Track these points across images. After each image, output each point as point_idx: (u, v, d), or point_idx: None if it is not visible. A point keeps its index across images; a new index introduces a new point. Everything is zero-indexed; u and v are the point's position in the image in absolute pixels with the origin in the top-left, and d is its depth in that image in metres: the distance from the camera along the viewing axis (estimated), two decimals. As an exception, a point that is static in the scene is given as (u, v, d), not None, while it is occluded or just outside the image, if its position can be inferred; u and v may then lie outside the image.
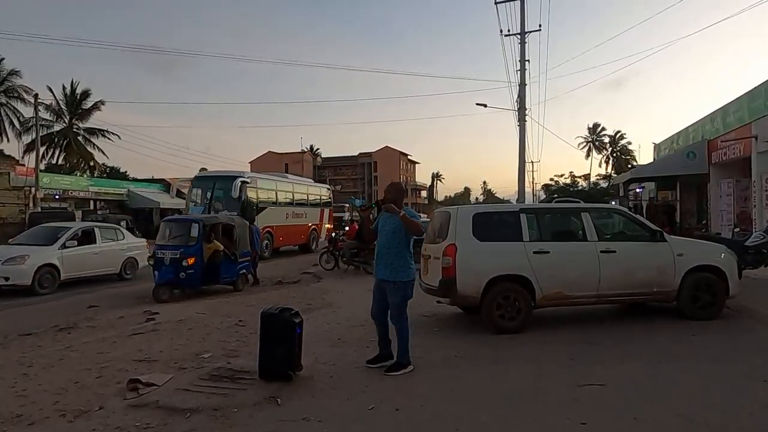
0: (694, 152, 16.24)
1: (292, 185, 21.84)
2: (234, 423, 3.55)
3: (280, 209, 19.55)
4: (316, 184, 25.75)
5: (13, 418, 3.70)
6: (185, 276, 9.83)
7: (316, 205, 23.23)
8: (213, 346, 5.73)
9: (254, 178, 18.44)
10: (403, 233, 4.56)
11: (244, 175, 17.78)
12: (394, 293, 4.55)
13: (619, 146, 67.58)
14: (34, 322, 7.94)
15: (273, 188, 19.86)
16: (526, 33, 18.46)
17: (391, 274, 4.54)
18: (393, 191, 4.69)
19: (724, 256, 6.68)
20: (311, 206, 22.69)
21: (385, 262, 4.57)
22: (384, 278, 4.58)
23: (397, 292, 4.54)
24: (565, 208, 7.16)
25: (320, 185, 26.45)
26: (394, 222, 4.53)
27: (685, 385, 4.18)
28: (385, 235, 4.58)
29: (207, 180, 18.46)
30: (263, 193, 18.79)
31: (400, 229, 4.53)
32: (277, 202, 19.64)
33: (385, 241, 4.58)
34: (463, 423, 3.49)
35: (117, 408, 3.85)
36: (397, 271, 4.53)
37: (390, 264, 4.55)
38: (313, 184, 25.16)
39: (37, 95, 29.06)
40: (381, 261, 4.62)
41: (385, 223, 4.62)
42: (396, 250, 4.55)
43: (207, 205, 16.99)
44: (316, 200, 23.61)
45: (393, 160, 78.96)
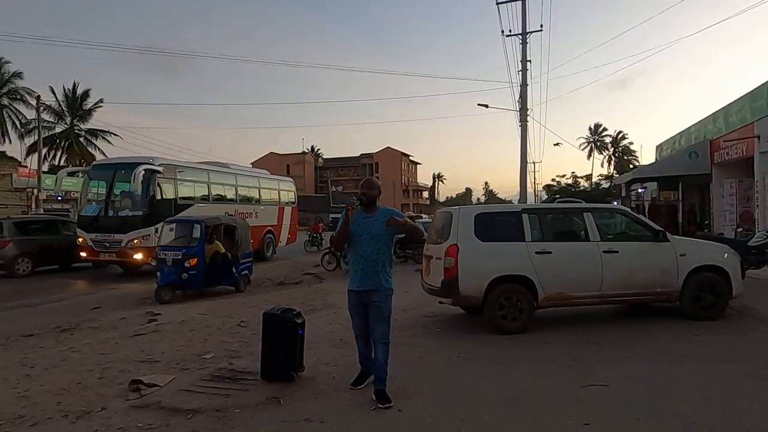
0: (697, 152, 16.21)
1: (235, 177, 17.86)
2: (236, 423, 3.55)
3: (213, 207, 15.39)
4: (272, 177, 21.13)
5: (16, 419, 3.70)
6: (187, 277, 9.84)
7: (272, 203, 19.62)
8: (215, 347, 5.73)
9: (170, 166, 14.62)
10: (390, 236, 4.08)
11: (152, 161, 13.83)
12: (385, 304, 4.00)
13: (621, 146, 67.52)
14: (37, 323, 7.95)
15: (203, 180, 16.12)
16: (527, 33, 18.43)
17: (382, 282, 3.99)
18: (374, 188, 4.07)
19: (727, 256, 6.67)
20: (265, 204, 19.01)
21: (374, 269, 3.97)
22: (373, 288, 3.96)
23: (387, 302, 4.01)
24: (568, 208, 7.15)
25: (279, 178, 22.02)
26: (380, 224, 3.99)
27: (688, 386, 4.16)
28: (371, 240, 3.98)
29: (106, 169, 14.45)
30: (186, 186, 15.21)
31: (387, 231, 4.01)
32: (210, 199, 16.05)
33: (374, 246, 3.98)
34: (465, 424, 3.49)
35: (119, 409, 3.85)
36: (386, 278, 4.03)
37: (381, 271, 3.99)
38: (268, 177, 20.55)
39: (39, 97, 29.17)
40: (369, 269, 3.96)
41: (368, 227, 4.00)
42: (386, 255, 4.05)
43: (104, 202, 13.81)
44: (273, 197, 19.92)
45: (394, 161, 78.98)
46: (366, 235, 3.98)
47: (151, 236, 12.91)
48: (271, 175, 21.09)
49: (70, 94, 37.62)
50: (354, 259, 4.07)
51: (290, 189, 21.69)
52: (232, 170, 18.13)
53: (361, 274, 3.99)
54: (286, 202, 20.67)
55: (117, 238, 13.18)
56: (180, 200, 14.56)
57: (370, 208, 4.05)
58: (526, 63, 18.53)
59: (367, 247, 3.96)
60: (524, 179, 19.09)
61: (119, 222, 13.41)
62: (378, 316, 3.97)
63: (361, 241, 3.99)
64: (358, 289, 4.02)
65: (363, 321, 4.08)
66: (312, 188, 75.08)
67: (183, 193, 14.87)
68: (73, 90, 37.70)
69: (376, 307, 3.97)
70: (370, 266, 3.97)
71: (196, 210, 14.67)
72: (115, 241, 13.22)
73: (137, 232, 13.11)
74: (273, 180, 20.76)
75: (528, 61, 18.51)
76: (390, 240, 4.09)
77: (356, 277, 4.03)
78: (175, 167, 14.93)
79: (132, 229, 13.14)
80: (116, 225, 13.37)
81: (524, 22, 18.40)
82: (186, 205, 14.68)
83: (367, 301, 3.99)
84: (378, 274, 3.97)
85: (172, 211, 13.76)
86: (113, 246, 13.23)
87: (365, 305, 4.02)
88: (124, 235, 13.10)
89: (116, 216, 13.57)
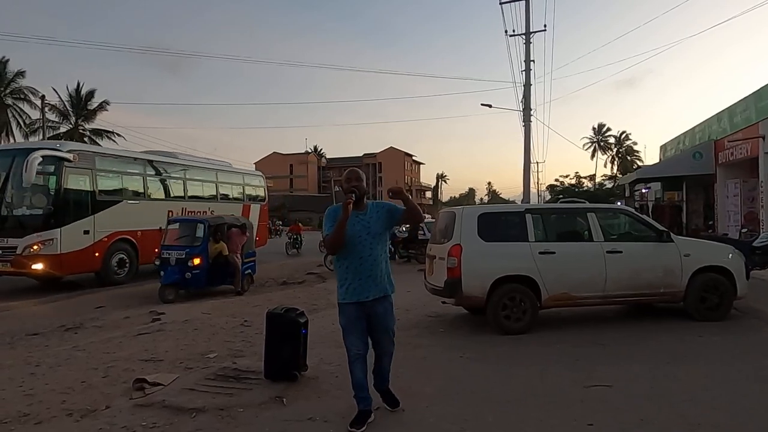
0: (701, 152, 16.17)
1: (183, 170, 15.09)
2: (240, 423, 3.56)
3: (150, 205, 13.36)
4: (235, 170, 18.38)
5: (21, 417, 3.71)
6: (191, 276, 9.88)
7: (235, 200, 17.07)
8: (218, 346, 5.74)
9: (86, 153, 12.17)
10: (387, 234, 3.59)
11: (59, 147, 11.29)
12: (392, 312, 3.55)
13: (625, 146, 67.31)
14: (41, 322, 8.00)
15: (135, 172, 13.39)
16: (531, 33, 18.42)
17: (389, 288, 3.53)
18: (363, 179, 3.56)
19: (732, 257, 6.64)
20: (225, 201, 16.39)
21: (380, 274, 3.44)
22: (380, 295, 3.45)
23: (392, 310, 3.56)
24: (571, 208, 7.14)
25: (245, 171, 19.39)
26: (376, 221, 3.46)
27: (692, 387, 4.14)
28: (373, 240, 3.43)
29: (2, 157, 11.39)
30: (111, 179, 12.59)
31: (385, 228, 3.53)
32: (146, 194, 13.53)
33: (376, 247, 3.44)
34: (468, 424, 3.48)
35: (123, 407, 3.86)
36: (391, 281, 3.57)
37: (386, 274, 3.51)
38: (229, 169, 17.77)
39: (44, 97, 29.33)
40: (374, 274, 3.41)
41: (365, 225, 3.43)
42: (386, 255, 3.58)
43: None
44: (236, 193, 17.46)
45: (397, 161, 79.01)
46: (365, 235, 3.41)
47: (56, 241, 10.66)
48: (233, 168, 18.41)
49: (75, 94, 37.75)
50: (351, 265, 3.40)
51: (259, 184, 19.05)
52: (179, 160, 15.35)
53: (368, 282, 3.40)
54: (253, 199, 18.15)
55: (11, 244, 10.63)
56: (100, 196, 11.96)
57: (360, 203, 3.47)
58: (530, 63, 18.53)
59: (371, 249, 3.41)
60: (527, 179, 19.07)
61: (14, 223, 10.87)
62: (385, 327, 3.50)
63: (362, 244, 3.39)
64: (362, 300, 3.40)
65: (364, 337, 3.48)
66: (315, 188, 75.17)
67: (106, 186, 12.31)
68: (77, 90, 37.82)
69: (382, 317, 3.46)
70: (376, 272, 3.41)
71: (124, 208, 12.51)
72: (8, 248, 10.64)
73: (36, 236, 10.57)
74: (236, 173, 18.16)
75: (531, 61, 18.52)
76: (387, 238, 3.62)
77: (358, 287, 3.40)
78: (94, 155, 12.40)
79: (30, 231, 10.63)
80: (10, 227, 10.85)
81: (528, 22, 18.39)
82: (110, 202, 12.19)
83: (371, 313, 3.43)
84: (384, 279, 3.48)
85: (87, 209, 11.54)
86: (6, 254, 10.65)
87: (367, 318, 3.45)
88: (20, 240, 10.57)
89: (11, 216, 10.97)
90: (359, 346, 3.44)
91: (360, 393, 3.50)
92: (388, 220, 3.53)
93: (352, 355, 3.45)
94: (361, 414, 3.48)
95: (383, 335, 3.53)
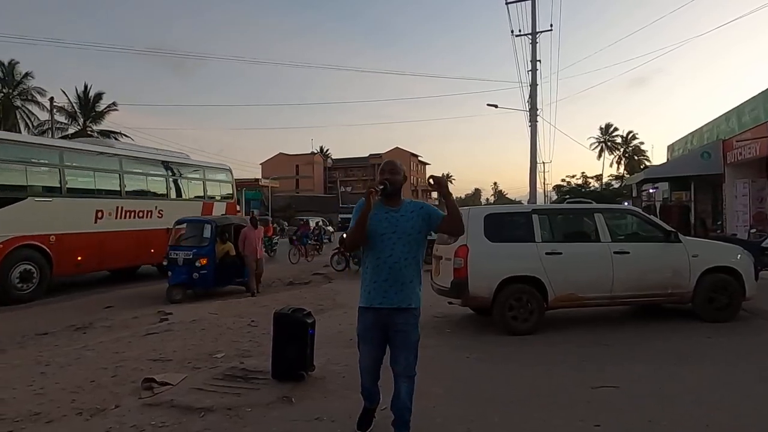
0: (709, 152, 16.04)
1: (119, 160, 12.58)
2: (247, 422, 3.58)
3: (69, 204, 11.06)
4: (194, 162, 15.87)
5: (32, 416, 3.76)
6: (198, 276, 9.94)
7: (192, 198, 14.80)
8: (226, 346, 5.77)
9: None
10: (423, 236, 3.11)
11: None
12: (414, 328, 3.05)
13: (632, 146, 66.94)
14: (50, 322, 8.08)
15: (49, 163, 11.04)
16: (537, 33, 18.37)
17: (411, 298, 3.03)
18: (400, 172, 3.12)
19: (740, 257, 6.60)
20: (179, 199, 14.24)
21: (402, 281, 3.01)
22: (400, 306, 3.01)
23: (416, 326, 3.08)
24: (578, 208, 7.11)
25: (206, 164, 16.35)
26: (409, 220, 3.04)
27: (699, 388, 4.13)
28: (398, 241, 3.01)
29: None
30: (12, 172, 10.26)
31: (421, 228, 3.07)
32: (62, 190, 11.08)
33: (402, 249, 3.00)
34: (475, 424, 3.49)
35: (132, 407, 3.90)
36: (416, 292, 3.07)
37: (410, 283, 3.03)
38: (184, 162, 15.20)
39: (52, 98, 29.56)
40: (394, 280, 3.00)
41: (393, 223, 3.03)
42: (417, 263, 3.10)
43: None
44: (195, 190, 15.07)
45: (403, 161, 78.15)
46: (391, 234, 3.01)
47: None
48: (192, 160, 15.91)
49: (83, 96, 38.06)
50: (373, 266, 3.05)
51: (225, 179, 16.45)
52: (115, 150, 13.05)
53: (384, 287, 3.01)
54: (215, 197, 15.69)
55: None
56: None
57: (393, 199, 3.10)
58: (536, 63, 18.47)
59: (393, 250, 3.00)
60: (534, 179, 19.02)
61: None
62: (404, 342, 3.03)
63: (384, 243, 3.01)
64: (380, 306, 3.02)
65: (379, 350, 3.14)
66: (321, 189, 75.26)
67: (5, 180, 10.07)
68: (85, 92, 38.11)
69: (400, 331, 3.01)
70: (397, 277, 2.99)
71: (30, 207, 10.19)
72: None
73: None
74: (193, 166, 15.55)
75: (538, 61, 18.45)
76: (423, 241, 3.12)
77: (376, 291, 3.03)
78: None
79: None
80: None
81: (534, 22, 18.34)
82: (9, 199, 9.90)
83: (389, 323, 3.03)
84: (406, 287, 3.02)
85: None
86: None
87: (385, 329, 3.05)
88: None
89: None
90: (370, 359, 3.15)
91: (367, 397, 3.37)
92: (424, 224, 3.07)
93: (362, 367, 3.21)
94: (366, 413, 3.37)
95: (400, 352, 3.04)
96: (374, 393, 3.33)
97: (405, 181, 3.14)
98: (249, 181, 37.79)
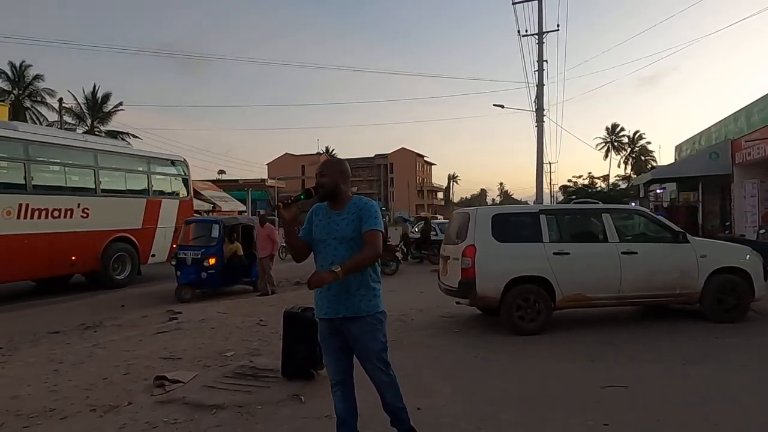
0: (717, 153, 15.96)
1: (23, 146, 10.10)
2: (259, 419, 3.62)
3: None
4: (131, 151, 13.72)
5: (47, 412, 3.82)
6: (207, 276, 10.03)
7: (132, 194, 12.57)
8: (235, 345, 5.83)
9: None
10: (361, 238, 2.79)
11: None
12: (371, 335, 2.80)
13: (638, 146, 66.64)
14: (61, 321, 8.17)
15: None
16: (543, 33, 18.37)
17: (360, 306, 2.76)
18: (330, 173, 2.84)
19: (749, 258, 6.58)
20: (112, 195, 11.97)
21: (346, 288, 2.74)
22: (348, 315, 2.76)
23: (374, 333, 2.80)
24: (586, 209, 7.11)
25: (151, 155, 13.83)
26: (349, 223, 2.78)
27: (707, 388, 4.13)
28: (339, 246, 2.76)
29: None
30: None
31: (357, 232, 2.75)
32: None
33: (340, 254, 2.74)
34: (484, 423, 3.51)
35: (145, 404, 3.96)
36: (368, 298, 2.79)
37: (357, 289, 2.76)
38: (122, 151, 13.12)
39: (61, 99, 29.86)
40: (338, 287, 2.72)
41: (333, 227, 2.79)
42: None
43: None
44: (136, 184, 12.76)
45: (409, 162, 79.02)
46: (332, 240, 2.78)
47: None
48: (134, 150, 13.90)
49: (90, 96, 38.40)
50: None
51: (178, 173, 13.98)
52: (18, 134, 10.27)
53: (328, 296, 2.77)
54: (165, 193, 13.41)
55: None
56: None
57: (336, 202, 2.84)
58: (543, 63, 18.48)
59: (334, 257, 2.74)
60: (540, 180, 19.02)
61: None
62: (363, 352, 2.83)
63: (326, 249, 2.78)
64: (326, 317, 2.80)
65: (342, 360, 2.90)
66: (327, 189, 75.26)
67: None
68: (93, 92, 38.48)
69: (358, 341, 2.80)
70: (341, 284, 2.70)
71: None
72: None
73: None
74: (135, 157, 13.14)
75: (544, 61, 18.47)
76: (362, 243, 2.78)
77: (322, 301, 2.81)
78: None
79: None
80: None
81: (540, 22, 18.36)
82: None
83: (345, 333, 2.81)
84: (351, 294, 2.75)
85: None
86: None
87: (342, 337, 2.83)
88: None
89: None
90: (335, 371, 2.93)
91: (340, 429, 2.96)
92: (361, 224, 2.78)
93: (331, 382, 2.96)
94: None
95: (365, 362, 2.86)
96: (349, 424, 2.98)
97: (344, 178, 2.86)
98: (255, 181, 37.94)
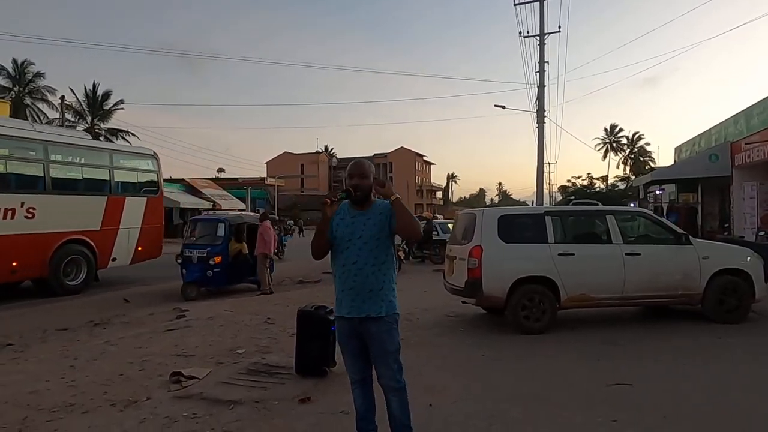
0: (717, 155, 16.07)
1: None
2: (276, 415, 3.71)
3: None
4: (92, 144, 12.77)
5: (68, 407, 3.90)
6: (212, 274, 10.11)
7: (91, 191, 11.31)
8: (245, 343, 5.91)
9: None
10: (391, 238, 2.89)
11: None
12: (388, 335, 2.84)
13: (637, 147, 66.80)
14: (68, 318, 8.24)
15: None
16: (545, 35, 18.47)
17: (382, 306, 2.81)
18: (368, 175, 2.89)
19: (750, 260, 6.69)
20: (67, 191, 10.80)
21: (368, 288, 2.80)
22: (368, 315, 2.80)
23: (391, 334, 2.85)
24: (590, 210, 7.21)
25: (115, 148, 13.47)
26: (375, 223, 2.84)
27: (711, 386, 4.24)
28: (364, 247, 2.81)
29: None
30: None
31: (386, 231, 2.84)
32: None
33: (367, 254, 2.81)
34: (495, 419, 3.61)
35: (163, 399, 4.05)
36: (388, 299, 2.84)
37: (378, 290, 2.81)
38: (77, 142, 11.75)
39: (63, 97, 29.86)
40: (361, 287, 2.80)
41: (358, 228, 2.85)
42: (386, 267, 2.87)
43: None
44: (97, 180, 11.57)
45: (408, 161, 79.00)
46: (356, 239, 2.83)
47: None
48: (93, 142, 12.81)
49: (91, 94, 38.39)
50: (339, 273, 2.88)
51: (147, 168, 12.97)
52: None
53: (351, 295, 2.82)
54: (131, 190, 12.33)
55: None
56: None
57: (363, 202, 2.90)
58: (544, 64, 18.58)
59: (358, 256, 2.80)
60: (540, 180, 19.13)
61: None
62: (380, 352, 2.85)
63: (350, 249, 2.83)
64: (349, 316, 2.84)
65: (360, 360, 2.94)
66: (326, 188, 75.39)
67: None
68: (93, 90, 38.49)
69: (375, 341, 2.84)
70: (363, 284, 2.79)
71: None
72: None
73: None
74: (94, 150, 11.99)
75: (545, 63, 18.58)
76: (391, 243, 2.91)
77: (344, 300, 2.86)
78: None
79: None
80: None
81: (542, 24, 18.46)
82: None
83: (363, 333, 2.85)
84: (374, 294, 2.81)
85: None
86: None
87: (360, 337, 2.87)
88: None
89: None
90: (355, 370, 2.97)
91: (359, 423, 3.04)
92: (388, 224, 2.85)
93: (350, 380, 3.02)
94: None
95: (380, 363, 2.87)
96: (368, 419, 3.04)
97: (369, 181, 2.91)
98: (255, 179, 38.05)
